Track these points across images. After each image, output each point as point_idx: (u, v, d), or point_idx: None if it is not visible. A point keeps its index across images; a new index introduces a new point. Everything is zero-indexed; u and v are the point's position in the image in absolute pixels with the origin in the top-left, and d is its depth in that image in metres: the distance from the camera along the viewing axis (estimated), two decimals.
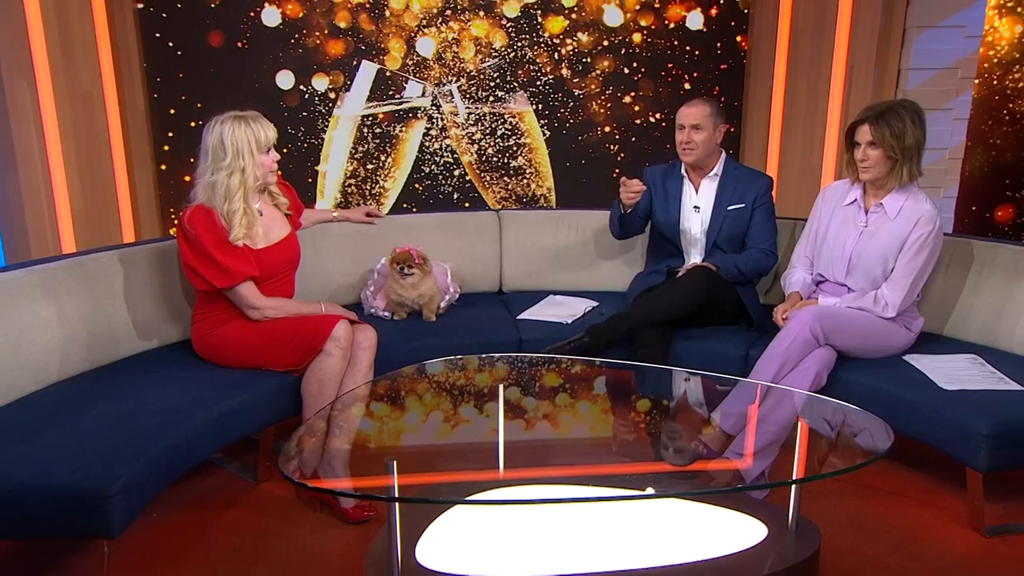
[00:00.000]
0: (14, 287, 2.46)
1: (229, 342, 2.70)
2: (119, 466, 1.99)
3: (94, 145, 4.43)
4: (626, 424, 2.85)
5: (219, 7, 4.60)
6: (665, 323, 3.06)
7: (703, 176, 3.36)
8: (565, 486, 2.31)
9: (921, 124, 2.85)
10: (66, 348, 2.57)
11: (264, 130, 2.74)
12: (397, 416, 2.70)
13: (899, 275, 2.85)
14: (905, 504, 2.71)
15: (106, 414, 2.29)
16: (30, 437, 2.13)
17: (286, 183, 3.08)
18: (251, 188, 2.70)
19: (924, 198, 2.88)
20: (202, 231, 2.60)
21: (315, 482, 1.97)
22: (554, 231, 3.86)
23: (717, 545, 2.10)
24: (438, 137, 4.99)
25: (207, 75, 4.67)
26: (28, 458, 2.02)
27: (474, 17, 4.86)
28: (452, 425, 2.71)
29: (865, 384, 2.73)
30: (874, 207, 2.93)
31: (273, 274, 2.79)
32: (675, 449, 2.61)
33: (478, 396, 2.82)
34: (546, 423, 2.79)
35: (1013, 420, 2.38)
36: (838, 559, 2.39)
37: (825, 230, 3.07)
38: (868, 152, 2.86)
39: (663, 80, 5.02)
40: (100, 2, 4.35)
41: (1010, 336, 2.87)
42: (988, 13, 4.24)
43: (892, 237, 2.86)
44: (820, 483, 2.69)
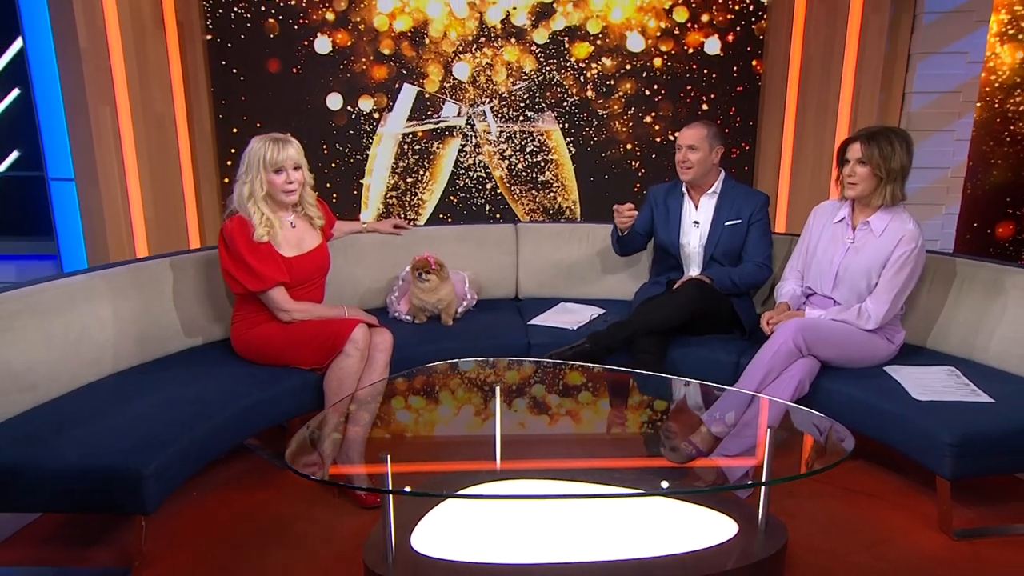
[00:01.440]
0: (77, 290, 2.59)
1: (261, 341, 2.78)
2: (152, 451, 2.09)
3: (165, 161, 4.54)
4: (615, 425, 2.86)
5: (277, 37, 4.73)
6: (662, 331, 3.04)
7: (702, 193, 3.35)
8: (555, 481, 2.33)
9: (909, 151, 2.82)
10: (120, 344, 2.69)
11: (278, 151, 2.77)
12: (406, 412, 2.76)
13: (882, 290, 2.81)
14: (880, 506, 2.67)
15: (148, 404, 2.39)
16: (83, 422, 2.24)
17: (320, 200, 3.14)
18: (260, 198, 2.77)
19: (908, 218, 2.83)
20: (240, 239, 2.72)
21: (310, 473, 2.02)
22: (567, 243, 3.86)
23: (690, 540, 2.11)
24: (472, 153, 5.03)
25: (266, 98, 4.80)
26: (79, 441, 2.13)
27: (506, 44, 4.88)
28: (454, 421, 2.76)
29: (844, 393, 2.70)
30: (861, 225, 2.89)
31: (304, 280, 2.88)
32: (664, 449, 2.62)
33: (480, 395, 2.86)
34: (541, 422, 2.81)
35: (978, 431, 2.34)
36: (809, 557, 2.36)
37: (815, 246, 3.04)
38: (856, 169, 2.83)
39: (682, 101, 4.98)
40: (173, 35, 4.48)
41: (986, 350, 2.81)
42: (990, 40, 4.12)
43: (876, 254, 2.82)
44: (800, 484, 2.66)
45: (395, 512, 2.06)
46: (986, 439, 2.34)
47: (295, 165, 2.83)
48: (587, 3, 4.85)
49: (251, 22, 4.69)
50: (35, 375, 2.38)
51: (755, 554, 2.12)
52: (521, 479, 2.39)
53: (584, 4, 4.85)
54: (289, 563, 2.26)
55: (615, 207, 3.25)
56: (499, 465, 2.42)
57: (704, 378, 2.94)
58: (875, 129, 2.86)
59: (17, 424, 2.25)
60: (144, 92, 4.32)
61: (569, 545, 2.08)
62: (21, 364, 2.34)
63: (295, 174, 2.83)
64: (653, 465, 2.58)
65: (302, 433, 2.19)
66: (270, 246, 2.78)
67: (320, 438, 2.31)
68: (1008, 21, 4.13)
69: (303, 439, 2.17)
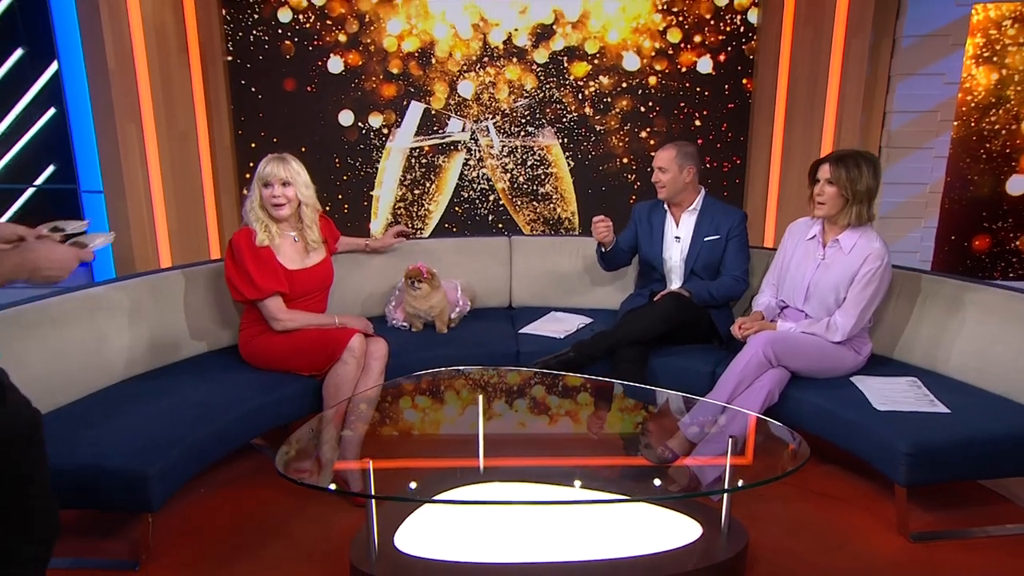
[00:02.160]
0: (96, 300, 2.68)
1: (266, 349, 2.84)
2: (157, 453, 2.16)
3: (187, 175, 4.60)
4: (591, 431, 2.89)
5: (292, 58, 4.80)
6: (643, 341, 3.06)
7: (683, 210, 3.36)
8: (533, 484, 2.36)
9: (876, 175, 2.83)
10: (134, 351, 2.75)
11: (266, 167, 2.86)
12: (397, 417, 2.81)
13: (849, 304, 2.83)
14: (844, 509, 2.68)
15: (157, 408, 2.45)
16: (96, 425, 2.31)
17: (326, 217, 3.19)
18: (258, 208, 2.86)
19: (875, 237, 2.85)
20: (245, 247, 2.80)
21: (299, 476, 2.08)
22: (557, 256, 3.87)
23: (658, 541, 2.15)
24: (476, 167, 5.07)
25: (282, 115, 4.88)
26: (91, 442, 2.20)
27: (508, 63, 4.93)
28: (441, 426, 2.80)
29: (812, 402, 2.72)
30: (831, 242, 2.91)
31: (306, 292, 2.94)
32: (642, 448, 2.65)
33: (466, 402, 2.88)
34: (522, 427, 2.85)
35: (931, 441, 2.36)
36: (772, 557, 2.38)
37: (789, 261, 3.06)
38: (825, 189, 2.85)
39: (676, 118, 5.00)
40: (196, 57, 4.55)
41: (947, 362, 2.82)
42: (966, 62, 4.11)
43: (845, 270, 2.84)
44: (770, 487, 2.63)
45: (382, 512, 2.13)
46: (939, 449, 2.36)
47: (282, 181, 2.85)
48: (585, 25, 4.88)
49: (268, 44, 4.77)
50: (54, 381, 2.44)
51: (717, 556, 2.16)
52: (502, 481, 2.41)
53: (582, 25, 4.88)
54: (284, 557, 2.32)
55: (593, 220, 3.29)
56: (482, 468, 2.46)
57: (682, 386, 2.96)
58: (845, 152, 2.88)
59: None
60: (168, 110, 4.39)
61: (544, 545, 2.12)
62: (41, 370, 2.40)
63: (282, 189, 2.84)
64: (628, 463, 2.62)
65: (295, 437, 2.24)
66: (271, 254, 2.83)
67: (312, 443, 2.36)
68: (983, 44, 4.12)
69: (294, 444, 2.22)
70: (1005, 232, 4.31)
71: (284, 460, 2.08)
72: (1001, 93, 4.17)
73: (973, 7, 4.05)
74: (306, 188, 2.92)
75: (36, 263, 1.57)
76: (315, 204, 2.99)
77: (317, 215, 3.01)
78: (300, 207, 2.92)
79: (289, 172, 2.85)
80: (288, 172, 2.85)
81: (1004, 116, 4.18)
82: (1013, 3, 4.04)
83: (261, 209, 2.87)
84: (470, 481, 2.38)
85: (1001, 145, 4.21)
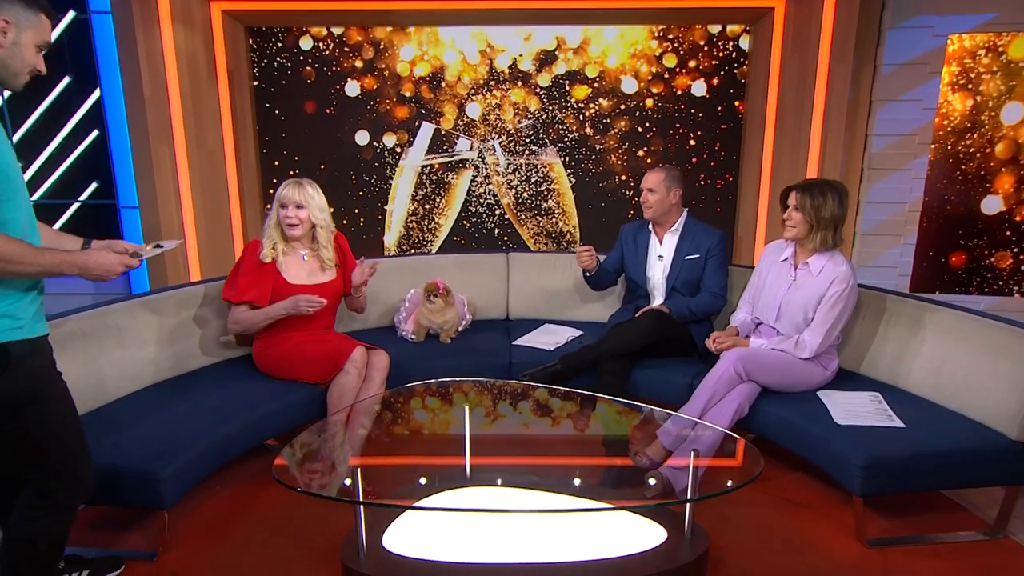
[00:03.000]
0: (123, 313, 2.78)
1: (276, 359, 2.92)
2: (171, 456, 2.26)
3: (216, 192, 4.70)
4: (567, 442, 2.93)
5: (313, 83, 4.92)
6: (625, 355, 3.10)
7: (666, 230, 3.40)
8: (515, 489, 2.42)
9: (841, 203, 2.86)
10: (159, 359, 2.86)
11: (286, 191, 2.94)
12: (394, 424, 2.88)
13: (817, 323, 2.87)
14: (808, 515, 2.70)
15: (174, 413, 2.55)
16: (118, 429, 2.42)
17: (341, 242, 3.18)
18: (274, 226, 2.96)
19: (843, 261, 2.89)
20: (248, 254, 2.95)
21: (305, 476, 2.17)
22: (551, 271, 3.90)
23: (625, 545, 2.20)
24: (483, 183, 5.15)
25: (303, 135, 4.99)
26: (113, 445, 2.30)
27: (513, 86, 5.00)
28: (433, 434, 2.84)
29: (778, 415, 2.75)
30: (802, 265, 2.95)
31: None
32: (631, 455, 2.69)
33: (457, 412, 2.93)
34: (506, 436, 2.90)
35: (885, 454, 2.39)
36: (736, 560, 2.42)
37: (763, 280, 3.10)
38: (792, 214, 2.90)
39: (671, 138, 5.04)
40: (224, 82, 4.65)
41: (907, 378, 2.84)
42: (942, 89, 4.10)
43: (813, 291, 2.88)
44: (740, 493, 2.65)
45: (373, 514, 2.20)
46: (892, 462, 2.39)
47: (296, 204, 2.93)
48: (586, 50, 4.94)
49: (291, 70, 4.89)
50: (84, 387, 2.53)
51: (680, 559, 2.19)
52: (486, 486, 2.47)
53: (583, 51, 4.95)
54: (287, 552, 2.40)
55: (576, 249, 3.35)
56: (468, 474, 2.53)
57: (662, 397, 3.03)
58: (813, 181, 2.92)
59: None
60: (198, 131, 4.49)
61: (521, 546, 2.17)
62: (75, 378, 2.40)
63: (296, 211, 2.92)
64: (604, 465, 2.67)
65: (297, 441, 2.33)
66: (273, 269, 2.92)
67: (312, 448, 2.45)
68: (959, 72, 4.12)
69: (296, 448, 2.32)
70: (980, 249, 4.30)
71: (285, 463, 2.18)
72: (976, 118, 4.16)
73: (949, 37, 4.06)
74: (320, 212, 2.97)
75: (87, 264, 1.84)
76: (329, 226, 3.03)
77: (332, 236, 3.05)
78: (315, 228, 2.99)
79: (303, 196, 2.93)
80: (302, 196, 2.93)
81: (979, 140, 4.17)
82: (986, 34, 4.04)
83: (276, 227, 2.97)
84: (457, 485, 2.45)
85: (976, 167, 4.20)
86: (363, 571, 2.05)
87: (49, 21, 1.83)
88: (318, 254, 3.05)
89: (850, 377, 3.03)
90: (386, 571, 2.07)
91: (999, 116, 4.13)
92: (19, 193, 1.77)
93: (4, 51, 1.74)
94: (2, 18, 1.72)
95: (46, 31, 1.82)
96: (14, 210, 1.75)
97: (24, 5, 1.75)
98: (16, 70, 1.77)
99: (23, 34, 1.75)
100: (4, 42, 1.74)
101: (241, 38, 4.77)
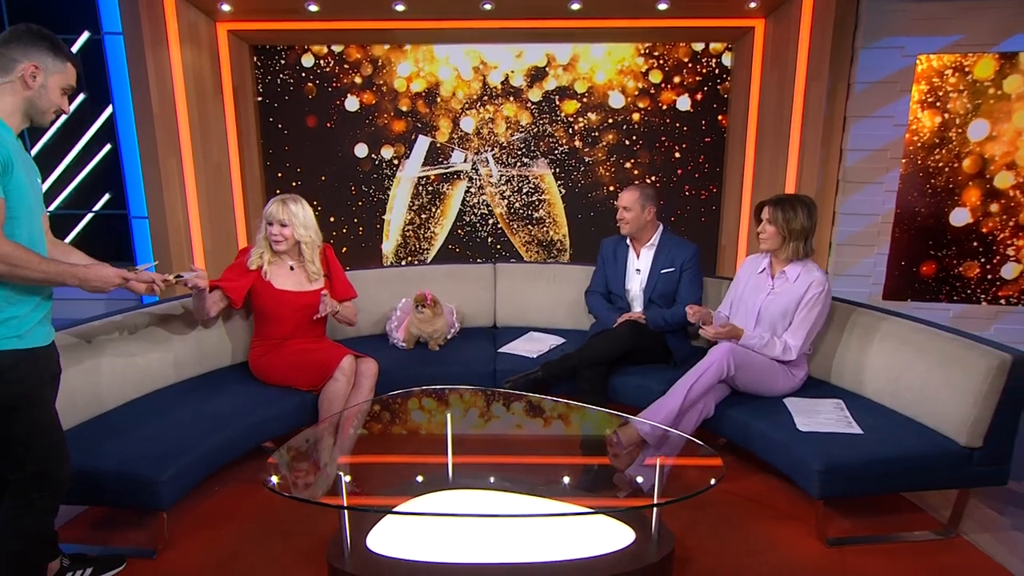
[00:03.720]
0: (128, 322, 2.82)
1: (270, 366, 2.96)
2: (169, 461, 2.31)
3: (221, 202, 4.77)
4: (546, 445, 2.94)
5: (314, 98, 5.01)
6: (603, 362, 3.14)
7: (643, 245, 3.44)
8: (494, 492, 2.44)
9: (811, 216, 2.93)
10: (164, 366, 2.90)
11: (272, 210, 2.97)
12: (377, 431, 2.87)
13: (797, 325, 2.92)
14: (773, 516, 2.74)
15: (174, 418, 2.59)
16: (121, 433, 2.46)
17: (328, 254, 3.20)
18: (263, 239, 3.01)
19: (815, 267, 2.95)
20: (239, 256, 3.04)
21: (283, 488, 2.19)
22: (535, 281, 3.90)
23: (596, 546, 2.23)
24: (476, 194, 5.23)
25: (305, 147, 5.08)
26: (116, 449, 2.34)
27: (505, 101, 5.08)
28: (418, 439, 2.85)
29: (744, 421, 2.78)
30: (779, 274, 3.00)
31: (295, 310, 3.01)
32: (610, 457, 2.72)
33: (439, 418, 2.95)
34: (486, 440, 2.91)
35: (842, 459, 2.42)
36: (702, 558, 2.45)
37: (742, 290, 3.14)
38: (766, 227, 2.97)
39: (657, 151, 5.11)
40: (229, 98, 4.74)
41: (868, 386, 2.88)
42: (912, 106, 4.14)
43: (791, 297, 2.94)
44: (710, 494, 2.66)
45: (357, 516, 2.22)
46: (848, 467, 2.42)
47: (280, 223, 2.95)
48: (575, 67, 5.01)
49: (293, 86, 4.98)
50: (89, 394, 2.60)
51: (647, 559, 2.22)
52: (466, 488, 2.49)
53: (572, 68, 5.01)
54: (279, 550, 2.45)
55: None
56: (450, 477, 2.56)
57: (638, 402, 3.02)
58: (784, 196, 2.98)
59: (74, 435, 2.46)
60: (205, 145, 4.55)
61: (497, 547, 2.20)
62: (84, 385, 2.57)
63: (280, 229, 2.96)
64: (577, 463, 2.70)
65: (285, 447, 2.36)
66: (257, 275, 2.99)
67: (299, 454, 2.47)
68: (927, 91, 4.15)
69: (284, 453, 2.36)
70: (949, 259, 4.34)
71: (270, 470, 2.23)
72: (944, 135, 4.19)
73: (918, 57, 4.09)
74: (303, 229, 2.98)
75: (86, 276, 1.97)
76: (315, 241, 3.04)
77: (318, 250, 3.08)
78: (300, 244, 3.02)
79: (287, 214, 2.95)
80: (286, 214, 2.95)
81: (947, 155, 4.21)
82: (953, 55, 4.07)
83: (265, 240, 3.01)
84: (438, 488, 2.46)
85: (944, 181, 4.24)
86: (347, 570, 2.10)
87: (74, 68, 1.98)
88: (304, 266, 3.08)
89: (817, 385, 3.05)
90: (369, 570, 2.11)
91: (966, 132, 4.17)
92: (31, 216, 1.90)
93: (33, 92, 1.90)
94: (32, 64, 1.87)
95: (71, 76, 1.97)
96: (21, 227, 1.87)
97: (53, 54, 1.91)
98: (43, 109, 1.94)
99: (50, 78, 1.91)
100: (33, 84, 1.89)
101: (246, 56, 4.86)
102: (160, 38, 4.14)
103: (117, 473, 2.28)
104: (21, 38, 1.88)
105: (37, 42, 1.89)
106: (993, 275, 4.32)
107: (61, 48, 1.94)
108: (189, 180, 4.45)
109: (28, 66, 1.87)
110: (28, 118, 1.94)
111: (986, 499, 2.88)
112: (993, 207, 4.23)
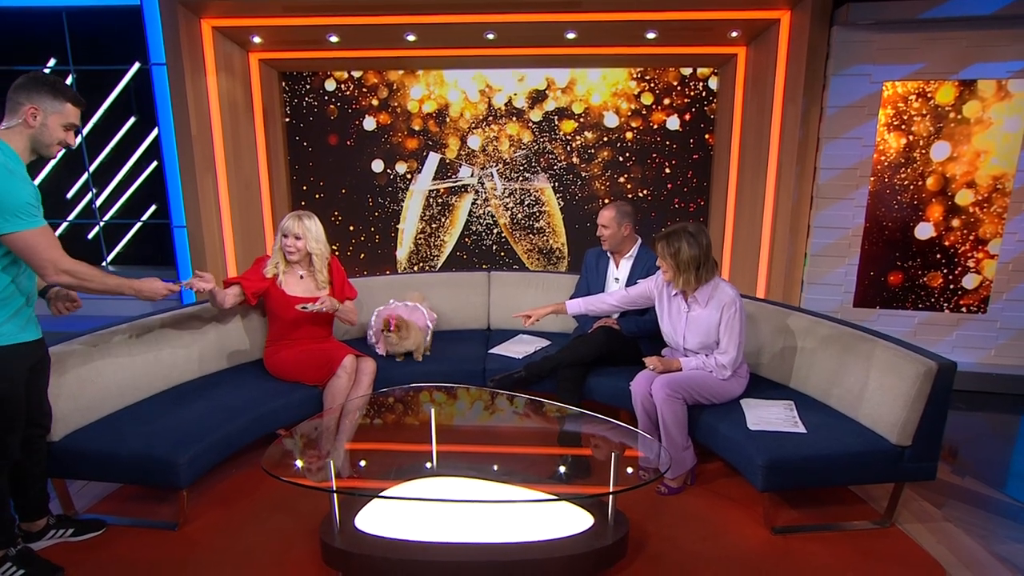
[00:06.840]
0: (156, 325, 2.98)
1: (281, 363, 3.11)
2: (187, 446, 2.48)
3: (251, 214, 4.94)
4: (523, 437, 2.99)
5: (336, 119, 5.19)
6: (581, 364, 3.23)
7: (622, 257, 3.52)
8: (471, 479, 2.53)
9: (698, 245, 2.80)
10: (188, 361, 3.06)
11: (287, 224, 3.08)
12: (373, 422, 2.98)
13: (725, 344, 2.87)
14: (729, 505, 2.81)
15: (193, 409, 2.75)
16: (147, 422, 2.63)
17: (334, 264, 3.31)
18: (278, 249, 3.14)
19: (725, 285, 2.89)
20: (256, 263, 3.18)
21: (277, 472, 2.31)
22: (526, 288, 3.96)
23: (559, 528, 2.34)
24: (482, 206, 5.37)
25: (327, 163, 5.26)
26: (143, 435, 2.53)
27: (508, 121, 5.21)
28: (407, 429, 2.93)
29: (707, 422, 2.84)
30: (691, 299, 2.94)
31: (301, 315, 3.11)
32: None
33: (426, 412, 3.02)
34: (470, 431, 3.02)
35: (783, 456, 2.51)
36: (655, 543, 2.53)
37: (664, 314, 3.08)
38: (660, 262, 2.90)
39: (648, 167, 5.20)
40: (260, 119, 4.93)
41: (815, 387, 2.95)
42: (879, 129, 4.16)
43: (708, 320, 2.90)
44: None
45: (349, 499, 2.36)
46: (789, 463, 2.51)
47: (295, 236, 3.08)
48: (572, 90, 5.13)
49: (317, 108, 5.17)
50: (123, 386, 2.78)
51: (603, 541, 2.31)
52: (448, 476, 2.59)
53: (570, 90, 5.13)
54: (285, 527, 2.61)
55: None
56: (434, 465, 2.67)
57: (612, 401, 3.13)
58: (671, 230, 2.85)
59: (108, 422, 2.65)
60: (237, 162, 4.75)
61: (471, 528, 2.31)
62: (114, 378, 2.74)
63: (294, 242, 3.09)
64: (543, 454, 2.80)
65: (293, 431, 2.54)
66: (272, 283, 3.11)
67: (303, 441, 2.64)
68: (893, 115, 4.16)
69: (288, 441, 2.52)
70: (915, 270, 4.35)
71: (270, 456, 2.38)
72: (909, 155, 4.21)
73: (884, 84, 4.12)
74: (315, 242, 3.11)
75: (140, 288, 2.33)
76: (324, 254, 3.16)
77: (327, 261, 3.20)
78: (311, 255, 3.15)
79: (301, 229, 3.08)
80: (300, 229, 3.08)
81: (912, 174, 4.22)
82: (916, 81, 4.09)
83: (280, 251, 3.15)
84: (422, 475, 2.56)
85: (910, 198, 4.25)
86: (336, 546, 2.22)
87: (75, 107, 2.13)
88: (313, 275, 3.20)
89: (776, 387, 3.09)
90: (356, 547, 2.22)
91: (929, 153, 4.18)
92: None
93: (35, 130, 2.08)
94: (32, 106, 2.06)
95: (71, 115, 2.13)
96: (28, 279, 2.11)
97: (52, 96, 2.08)
98: (46, 143, 2.12)
99: (49, 117, 2.09)
100: (34, 123, 2.07)
101: (275, 82, 5.07)
102: (199, 67, 4.36)
103: (142, 455, 2.46)
104: (27, 84, 2.06)
105: (39, 87, 2.06)
106: (955, 285, 4.33)
107: (61, 91, 2.09)
108: (223, 193, 4.65)
109: (29, 108, 2.05)
110: (35, 152, 2.11)
111: (924, 492, 2.96)
112: (955, 222, 4.24)
